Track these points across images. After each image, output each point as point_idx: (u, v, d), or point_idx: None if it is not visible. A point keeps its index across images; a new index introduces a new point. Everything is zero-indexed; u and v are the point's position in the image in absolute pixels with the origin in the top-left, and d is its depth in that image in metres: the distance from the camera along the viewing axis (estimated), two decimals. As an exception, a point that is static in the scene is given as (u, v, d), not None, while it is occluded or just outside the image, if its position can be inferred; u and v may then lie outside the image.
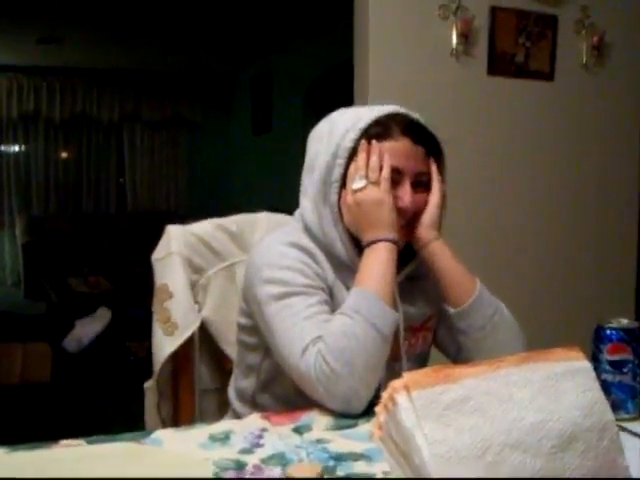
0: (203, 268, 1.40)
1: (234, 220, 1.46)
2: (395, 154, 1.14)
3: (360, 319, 1.04)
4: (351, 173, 1.14)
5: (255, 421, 0.99)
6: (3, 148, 7.29)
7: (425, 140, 1.17)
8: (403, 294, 1.16)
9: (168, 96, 7.58)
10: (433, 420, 0.63)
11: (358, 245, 1.16)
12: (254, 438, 0.93)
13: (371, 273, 1.10)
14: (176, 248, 1.37)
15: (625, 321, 1.06)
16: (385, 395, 0.67)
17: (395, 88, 2.42)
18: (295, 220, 1.25)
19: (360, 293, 1.08)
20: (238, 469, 0.83)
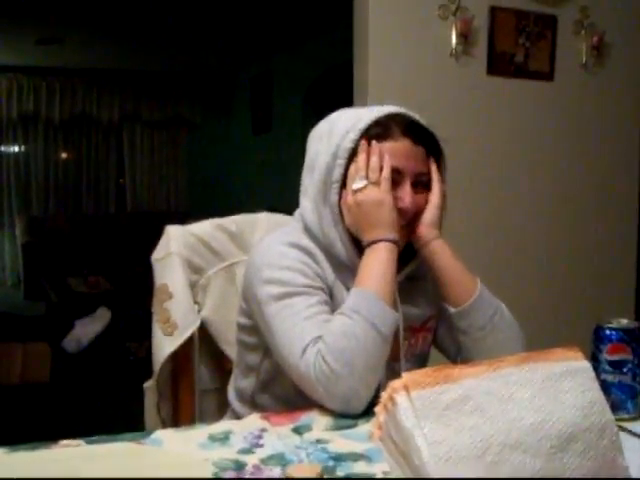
0: (203, 268, 1.40)
1: (234, 220, 1.46)
2: (395, 154, 1.14)
3: (360, 319, 1.04)
4: (351, 173, 1.14)
5: (255, 421, 0.99)
6: (3, 148, 7.28)
7: (425, 140, 1.18)
8: (403, 294, 1.16)
9: (168, 96, 7.58)
10: (433, 420, 0.63)
11: (358, 245, 1.16)
12: (254, 438, 0.93)
13: (371, 273, 1.10)
14: (176, 248, 1.37)
15: (625, 321, 1.06)
16: (385, 395, 0.67)
17: (394, 88, 2.42)
18: (295, 220, 1.25)
19: (360, 293, 1.08)
20: (238, 469, 0.83)
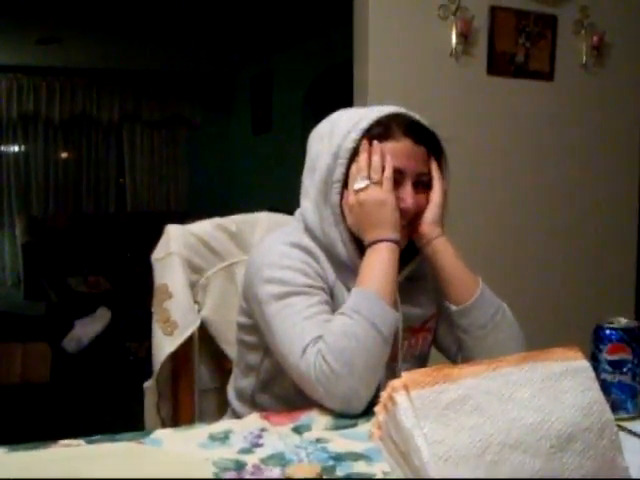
0: (203, 268, 1.40)
1: (234, 220, 1.46)
2: (396, 155, 1.14)
3: (361, 319, 1.04)
4: (353, 173, 1.14)
5: (255, 421, 0.99)
6: (3, 148, 7.27)
7: (426, 140, 1.18)
8: (403, 294, 1.16)
9: (168, 96, 7.57)
10: (432, 420, 0.63)
11: (359, 245, 1.16)
12: (254, 438, 0.93)
13: (372, 273, 1.10)
14: (175, 248, 1.37)
15: (624, 321, 1.06)
16: (384, 395, 0.67)
17: (394, 88, 2.41)
18: (296, 220, 1.25)
19: (361, 293, 1.08)
20: (237, 469, 0.83)
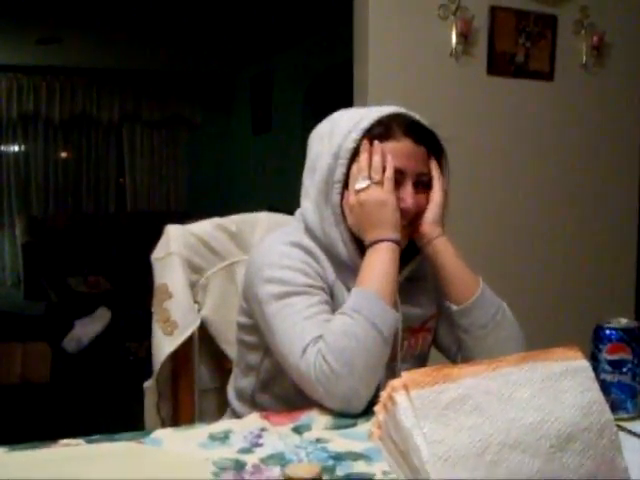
0: (203, 268, 1.40)
1: (234, 220, 1.46)
2: (397, 155, 1.14)
3: (361, 319, 1.04)
4: (353, 173, 1.14)
5: (254, 421, 0.99)
6: (3, 148, 7.27)
7: (426, 140, 1.18)
8: (403, 294, 1.16)
9: (168, 96, 7.57)
10: (432, 420, 0.63)
11: (359, 245, 1.16)
12: (253, 438, 0.93)
13: (373, 273, 1.10)
14: (175, 248, 1.37)
15: (624, 321, 1.06)
16: (384, 395, 0.67)
17: (394, 88, 2.41)
18: (296, 220, 1.25)
19: (361, 293, 1.08)
20: (237, 469, 0.83)
